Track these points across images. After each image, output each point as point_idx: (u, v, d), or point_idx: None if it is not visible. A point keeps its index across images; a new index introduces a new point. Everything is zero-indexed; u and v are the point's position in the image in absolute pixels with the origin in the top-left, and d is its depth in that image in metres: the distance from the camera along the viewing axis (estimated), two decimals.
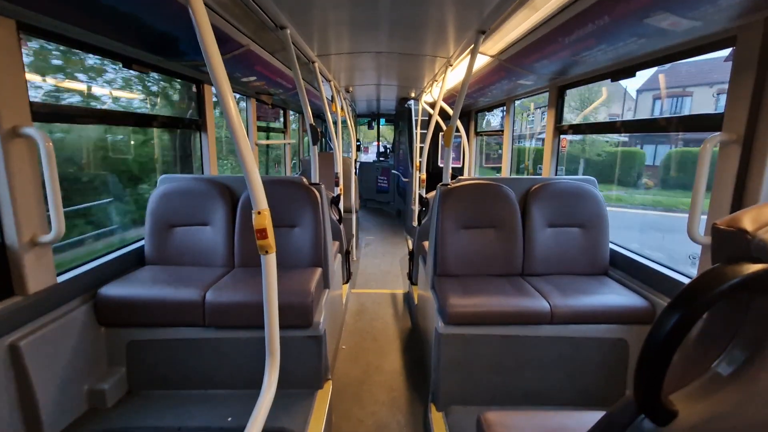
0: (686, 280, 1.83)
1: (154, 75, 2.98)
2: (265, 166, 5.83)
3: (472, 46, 2.15)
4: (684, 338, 0.47)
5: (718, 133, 1.50)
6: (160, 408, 1.88)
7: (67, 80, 2.45)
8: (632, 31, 1.58)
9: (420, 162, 4.45)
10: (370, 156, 12.39)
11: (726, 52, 1.63)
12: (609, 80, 2.32)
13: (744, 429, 0.49)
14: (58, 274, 1.74)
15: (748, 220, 0.51)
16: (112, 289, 1.92)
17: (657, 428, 0.53)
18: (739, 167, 1.45)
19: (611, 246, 2.37)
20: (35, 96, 1.70)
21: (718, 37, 1.57)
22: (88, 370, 1.84)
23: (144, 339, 1.96)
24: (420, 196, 3.94)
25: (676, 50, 1.80)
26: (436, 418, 1.98)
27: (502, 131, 4.31)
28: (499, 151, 4.66)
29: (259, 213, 1.17)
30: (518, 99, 4.04)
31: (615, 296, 2.00)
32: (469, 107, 5.52)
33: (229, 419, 1.79)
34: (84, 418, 1.78)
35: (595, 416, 0.71)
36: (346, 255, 3.76)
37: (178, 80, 3.07)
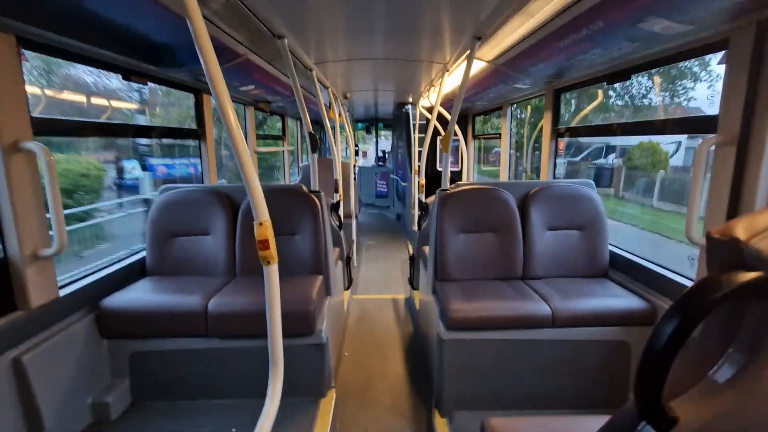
0: (685, 281, 1.84)
1: None
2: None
3: (469, 51, 2.17)
4: (683, 345, 0.48)
5: (713, 135, 1.51)
6: (164, 419, 1.87)
7: None
8: (626, 35, 1.60)
9: (419, 166, 4.47)
10: (367, 161, 12.40)
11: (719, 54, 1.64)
12: (605, 83, 2.35)
13: None
14: (60, 288, 1.75)
15: (741, 228, 0.52)
16: (114, 301, 1.92)
17: None
18: (735, 168, 1.46)
19: (611, 248, 2.38)
20: None
21: (710, 39, 1.59)
22: (92, 382, 1.84)
23: (147, 350, 1.96)
24: (419, 200, 3.94)
25: (670, 53, 1.82)
26: (440, 423, 1.98)
27: (500, 135, 4.33)
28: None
29: (261, 224, 1.18)
30: (515, 102, 4.07)
31: (616, 298, 2.01)
32: (466, 111, 5.54)
33: (234, 429, 1.79)
34: (88, 430, 1.77)
35: (598, 421, 0.71)
36: (347, 261, 3.75)
37: None
